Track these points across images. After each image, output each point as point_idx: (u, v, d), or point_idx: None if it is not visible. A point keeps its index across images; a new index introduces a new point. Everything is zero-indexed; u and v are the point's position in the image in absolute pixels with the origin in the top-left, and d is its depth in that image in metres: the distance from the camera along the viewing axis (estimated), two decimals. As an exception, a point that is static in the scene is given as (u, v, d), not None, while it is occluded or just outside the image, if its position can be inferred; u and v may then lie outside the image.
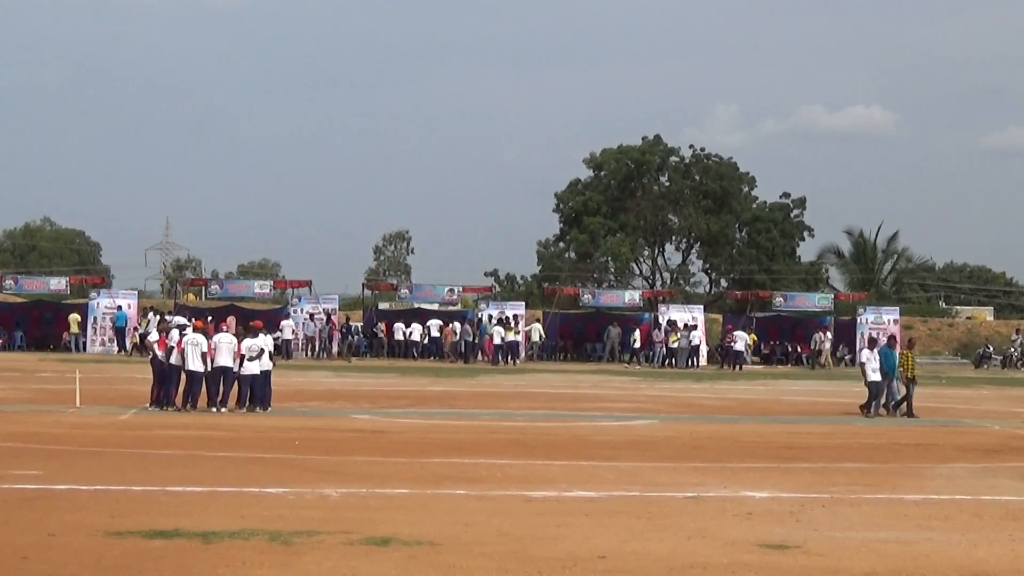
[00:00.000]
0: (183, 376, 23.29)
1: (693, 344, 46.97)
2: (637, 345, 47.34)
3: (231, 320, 37.12)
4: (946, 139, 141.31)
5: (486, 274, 75.72)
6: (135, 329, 45.51)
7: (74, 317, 46.57)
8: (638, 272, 76.15)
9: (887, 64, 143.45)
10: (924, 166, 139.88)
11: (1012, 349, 51.53)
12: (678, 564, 10.12)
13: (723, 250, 74.51)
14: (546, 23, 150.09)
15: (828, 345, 49.10)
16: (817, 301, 54.06)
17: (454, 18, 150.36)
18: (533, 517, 12.20)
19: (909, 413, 25.31)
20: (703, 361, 47.72)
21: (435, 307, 51.63)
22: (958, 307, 77.99)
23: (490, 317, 47.77)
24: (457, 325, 47.17)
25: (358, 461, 16.55)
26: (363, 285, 62.80)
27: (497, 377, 37.99)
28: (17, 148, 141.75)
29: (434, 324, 48.08)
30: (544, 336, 49.22)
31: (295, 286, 52.34)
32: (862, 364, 25.85)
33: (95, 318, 46.81)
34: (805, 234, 75.78)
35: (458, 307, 53.05)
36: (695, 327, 47.68)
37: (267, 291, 52.28)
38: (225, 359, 23.17)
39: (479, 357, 46.04)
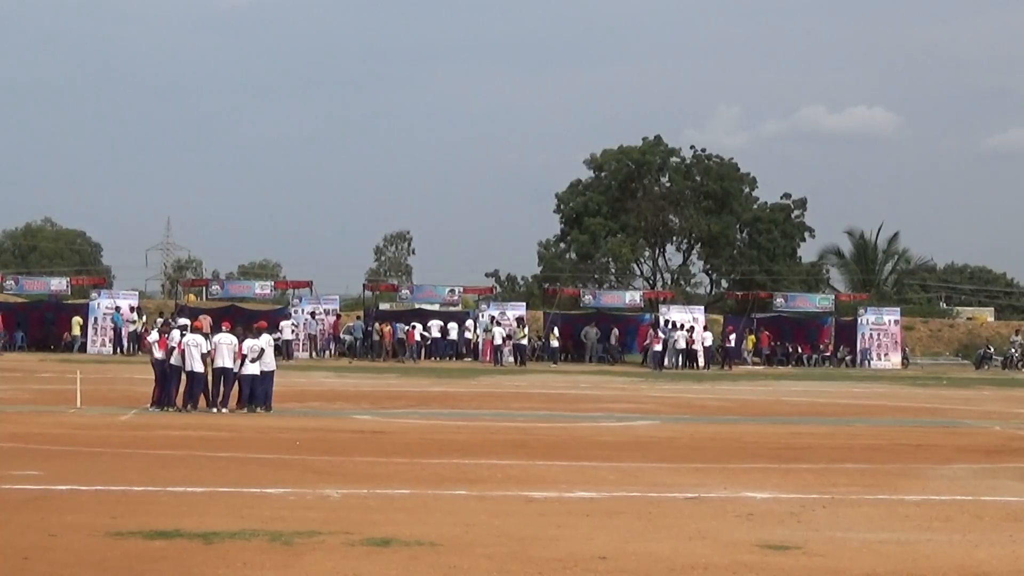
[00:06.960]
0: (184, 377, 23.32)
1: (704, 345, 47.05)
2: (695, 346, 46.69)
3: (206, 319, 37.05)
4: (948, 140, 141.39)
5: (487, 275, 75.92)
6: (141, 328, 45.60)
7: (76, 320, 46.66)
8: (639, 273, 76.32)
9: (889, 65, 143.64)
10: (925, 167, 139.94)
11: (1013, 350, 51.52)
12: (679, 565, 10.11)
13: (724, 251, 74.52)
14: (547, 23, 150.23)
15: (674, 345, 46.48)
16: (818, 302, 54.12)
17: (454, 18, 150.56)
18: (534, 518, 12.20)
19: None
20: (701, 361, 47.67)
21: (436, 308, 51.65)
22: (959, 308, 77.92)
23: (492, 318, 47.81)
24: (400, 325, 47.23)
25: (359, 462, 16.55)
26: (364, 286, 62.86)
27: (498, 378, 37.99)
28: (18, 148, 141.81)
29: (435, 324, 48.12)
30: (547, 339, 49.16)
31: (296, 287, 52.40)
32: None
33: (95, 319, 46.89)
34: (806, 235, 75.86)
35: (459, 308, 53.06)
36: (691, 328, 47.58)
37: (268, 292, 52.29)
38: (225, 360, 23.19)
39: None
